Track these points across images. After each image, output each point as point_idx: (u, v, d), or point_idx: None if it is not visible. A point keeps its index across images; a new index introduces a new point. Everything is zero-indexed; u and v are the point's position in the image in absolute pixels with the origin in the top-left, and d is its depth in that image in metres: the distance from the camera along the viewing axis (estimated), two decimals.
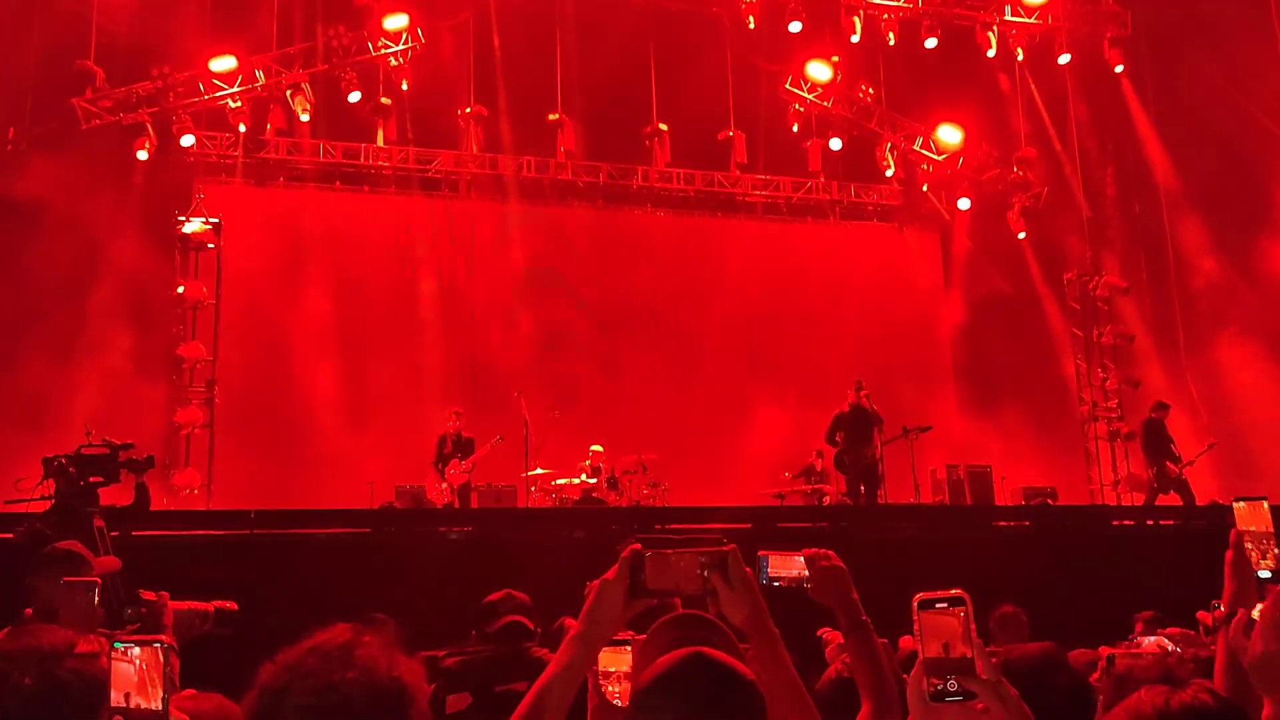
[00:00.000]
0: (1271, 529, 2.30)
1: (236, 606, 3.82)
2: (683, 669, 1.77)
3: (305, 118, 14.84)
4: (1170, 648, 2.84)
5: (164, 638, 1.87)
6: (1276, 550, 2.29)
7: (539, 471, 12.14)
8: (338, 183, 15.70)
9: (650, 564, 1.91)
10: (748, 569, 1.96)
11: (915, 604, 1.81)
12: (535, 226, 15.93)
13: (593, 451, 12.31)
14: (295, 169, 15.49)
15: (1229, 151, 14.92)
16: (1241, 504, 2.38)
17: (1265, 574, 2.26)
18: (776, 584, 2.38)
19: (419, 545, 8.90)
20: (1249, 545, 2.29)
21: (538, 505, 11.90)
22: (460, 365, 14.61)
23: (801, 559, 2.43)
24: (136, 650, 1.80)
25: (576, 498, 11.85)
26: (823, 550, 2.48)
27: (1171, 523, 11.15)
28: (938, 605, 1.78)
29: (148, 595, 3.65)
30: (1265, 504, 2.35)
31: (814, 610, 2.54)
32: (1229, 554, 2.29)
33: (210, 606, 3.76)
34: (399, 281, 15.18)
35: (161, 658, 1.79)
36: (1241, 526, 2.32)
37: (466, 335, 14.85)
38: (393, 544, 8.95)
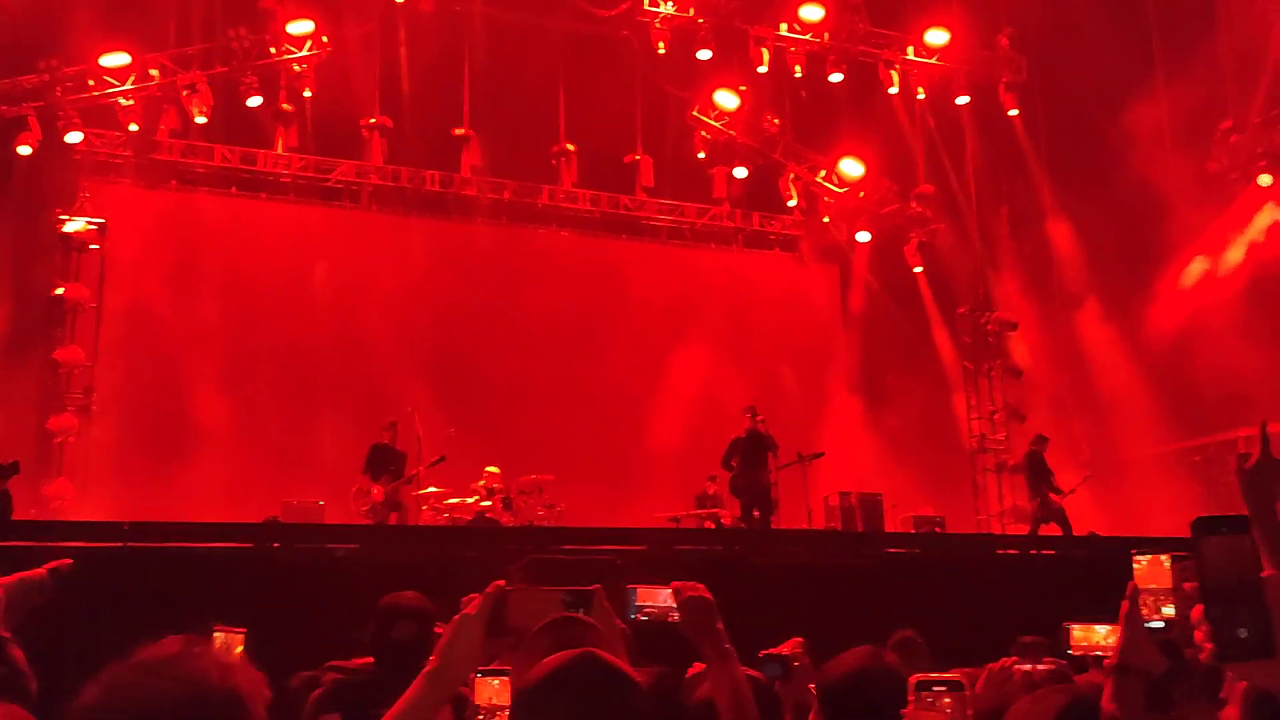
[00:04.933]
0: (1170, 585, 2.25)
1: (72, 561, 3.56)
2: (574, 667, 1.72)
3: (201, 120, 14.42)
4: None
5: None
6: (1169, 606, 2.25)
7: (431, 490, 11.89)
8: (233, 188, 15.26)
9: (513, 600, 1.88)
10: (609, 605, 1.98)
11: (913, 683, 1.87)
12: (437, 241, 15.71)
13: (488, 473, 12.11)
14: (189, 172, 15.02)
15: (1113, 197, 15.51)
16: (1142, 560, 2.29)
17: (1157, 624, 2.23)
18: (645, 617, 2.38)
19: (303, 563, 8.59)
20: (1145, 600, 2.24)
21: (428, 523, 11.65)
22: (354, 380, 14.25)
23: (669, 591, 2.42)
24: None
25: (469, 518, 11.63)
26: (690, 583, 2.47)
27: (1052, 552, 11.44)
28: (935, 688, 1.86)
29: None
30: (1165, 560, 2.27)
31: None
32: (1124, 605, 2.25)
33: (44, 571, 3.50)
34: (293, 292, 14.75)
35: None
36: (1140, 583, 2.26)
37: (362, 349, 14.48)
38: (275, 560, 8.64)
